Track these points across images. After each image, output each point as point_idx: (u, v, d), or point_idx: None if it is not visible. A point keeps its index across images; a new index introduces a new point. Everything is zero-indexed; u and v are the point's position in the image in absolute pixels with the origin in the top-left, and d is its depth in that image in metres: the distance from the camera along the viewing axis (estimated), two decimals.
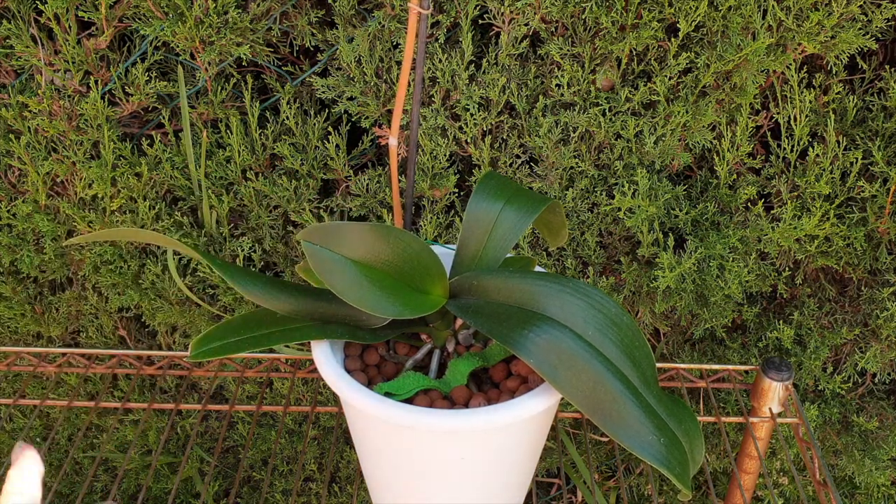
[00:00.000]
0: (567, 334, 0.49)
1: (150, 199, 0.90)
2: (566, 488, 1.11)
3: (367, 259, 0.53)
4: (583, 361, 0.48)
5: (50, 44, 0.83)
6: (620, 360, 0.50)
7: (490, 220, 0.57)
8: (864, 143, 0.82)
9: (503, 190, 0.59)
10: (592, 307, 0.50)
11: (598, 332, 0.50)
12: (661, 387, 0.51)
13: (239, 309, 0.96)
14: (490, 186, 0.59)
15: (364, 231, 0.52)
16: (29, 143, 0.86)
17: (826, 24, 0.75)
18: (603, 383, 0.48)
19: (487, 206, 0.58)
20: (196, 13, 0.79)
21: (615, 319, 0.50)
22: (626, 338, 0.50)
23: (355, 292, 0.52)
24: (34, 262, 0.94)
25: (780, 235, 0.84)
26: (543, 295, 0.51)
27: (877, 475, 0.95)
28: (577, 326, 0.49)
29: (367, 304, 0.52)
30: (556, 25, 0.81)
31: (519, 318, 0.50)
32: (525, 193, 0.59)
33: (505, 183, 0.59)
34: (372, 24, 0.80)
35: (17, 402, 0.79)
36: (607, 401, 0.48)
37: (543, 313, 0.50)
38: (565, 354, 0.48)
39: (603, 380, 0.48)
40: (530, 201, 0.58)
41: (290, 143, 0.88)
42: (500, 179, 0.60)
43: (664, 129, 0.81)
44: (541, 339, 0.48)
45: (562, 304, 0.50)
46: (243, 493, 1.16)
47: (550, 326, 0.49)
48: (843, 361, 0.94)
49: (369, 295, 0.52)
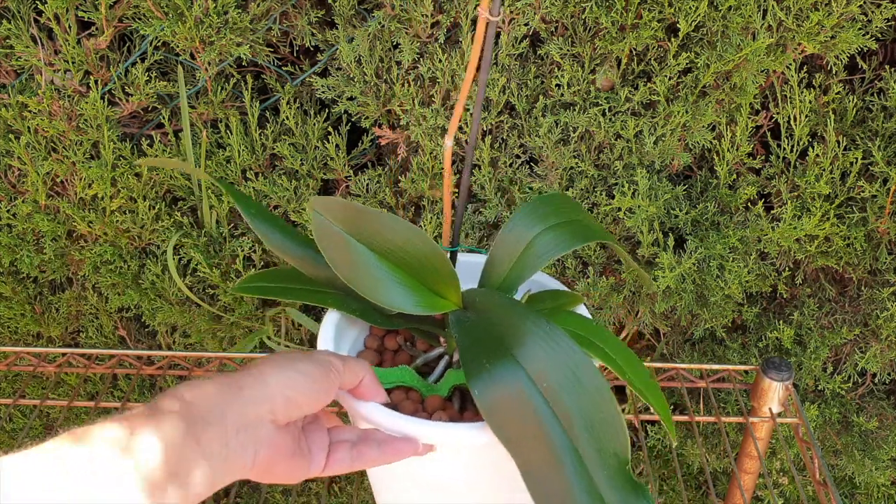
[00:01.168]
0: (523, 381, 0.45)
1: (150, 199, 0.90)
2: None
3: (384, 249, 0.53)
4: (527, 415, 0.44)
5: (50, 44, 0.83)
6: (576, 425, 0.45)
7: (524, 241, 0.56)
8: (864, 143, 0.82)
9: (554, 214, 0.57)
10: (557, 358, 0.46)
11: (558, 386, 0.45)
12: (629, 471, 0.45)
13: (239, 309, 0.96)
14: (536, 208, 0.57)
15: (386, 222, 0.52)
16: (29, 143, 0.86)
17: (826, 24, 0.75)
18: (540, 439, 0.44)
19: (524, 230, 0.56)
20: (196, 13, 0.79)
21: (580, 377, 0.46)
22: (587, 401, 0.45)
23: (366, 282, 0.52)
24: (34, 262, 0.94)
25: (779, 235, 0.84)
26: (520, 332, 0.48)
27: (877, 475, 0.95)
28: (535, 373, 0.46)
29: (378, 294, 0.52)
30: (556, 25, 0.81)
31: (490, 350, 0.47)
32: (571, 225, 0.56)
33: (556, 208, 0.57)
34: (372, 24, 0.80)
35: (17, 402, 0.79)
36: (542, 467, 0.43)
37: (512, 352, 0.47)
38: (513, 403, 0.45)
39: (541, 435, 0.44)
40: (571, 235, 0.56)
41: (290, 143, 0.88)
42: (555, 203, 0.58)
43: (664, 129, 0.81)
44: (496, 379, 0.45)
45: (531, 345, 0.47)
46: (243, 493, 1.16)
47: (512, 367, 0.46)
48: (843, 361, 0.94)
49: (381, 286, 0.52)
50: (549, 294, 0.62)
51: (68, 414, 1.14)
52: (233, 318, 0.97)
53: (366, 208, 0.51)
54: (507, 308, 0.51)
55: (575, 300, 0.61)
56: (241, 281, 0.59)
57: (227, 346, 1.02)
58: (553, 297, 0.62)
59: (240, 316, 0.97)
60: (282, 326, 1.00)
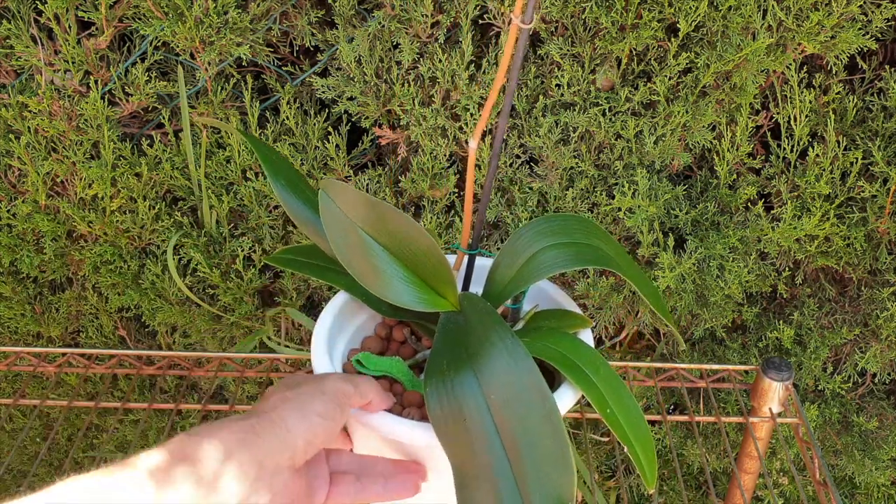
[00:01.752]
0: (476, 396, 0.45)
1: (150, 199, 0.90)
2: None
3: (389, 242, 0.52)
4: (471, 431, 0.44)
5: (50, 44, 0.83)
6: (522, 454, 0.43)
7: (528, 253, 0.56)
8: (864, 143, 0.82)
9: (563, 233, 0.56)
10: (512, 376, 0.45)
11: (506, 406, 0.44)
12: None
13: (239, 309, 0.96)
14: (546, 224, 0.57)
15: (392, 215, 0.51)
16: (29, 143, 0.86)
17: (826, 24, 0.75)
18: (480, 457, 0.43)
19: (529, 242, 0.56)
20: (196, 13, 0.79)
21: (531, 401, 0.44)
22: (535, 429, 0.43)
23: (370, 274, 0.51)
24: (34, 262, 0.94)
25: (780, 235, 0.84)
26: (485, 343, 0.47)
27: (877, 475, 0.95)
28: (488, 388, 0.45)
29: (381, 286, 0.52)
30: (556, 25, 0.81)
31: (454, 356, 0.47)
32: (577, 247, 0.55)
33: (564, 228, 0.56)
34: (372, 24, 0.80)
35: (17, 402, 0.79)
36: (478, 490, 0.42)
37: (472, 363, 0.47)
38: (460, 416, 0.44)
39: (482, 453, 0.43)
40: (574, 255, 0.55)
41: (290, 143, 0.88)
42: (568, 224, 0.57)
43: (664, 129, 0.81)
44: (448, 388, 0.45)
45: (491, 359, 0.46)
46: None
47: (468, 380, 0.45)
48: (843, 361, 0.94)
49: (386, 278, 0.52)
50: (557, 313, 0.60)
51: (68, 414, 1.14)
52: (233, 318, 0.97)
53: (376, 200, 0.51)
54: (482, 316, 0.50)
55: (581, 323, 0.58)
56: (276, 252, 0.62)
57: (227, 346, 1.02)
58: (559, 317, 0.60)
59: (240, 316, 0.97)
60: (282, 326, 1.00)
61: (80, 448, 1.19)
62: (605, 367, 0.51)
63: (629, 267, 0.57)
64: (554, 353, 0.51)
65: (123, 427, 1.16)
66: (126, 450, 1.19)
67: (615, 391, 0.50)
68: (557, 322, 0.59)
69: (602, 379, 0.50)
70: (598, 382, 0.50)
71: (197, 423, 0.82)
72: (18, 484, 1.25)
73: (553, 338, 0.54)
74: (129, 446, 1.16)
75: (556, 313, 0.60)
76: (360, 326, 0.63)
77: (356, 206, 0.51)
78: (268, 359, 0.83)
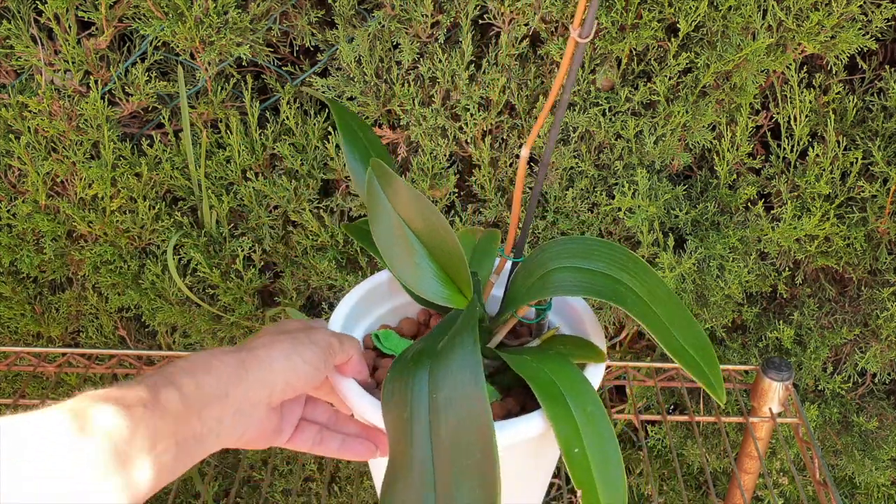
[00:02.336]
0: (423, 391, 0.45)
1: (150, 199, 0.90)
2: (566, 488, 1.11)
3: (422, 235, 0.53)
4: (408, 428, 0.44)
5: (50, 44, 0.83)
6: (451, 465, 0.42)
7: (543, 270, 0.55)
8: (864, 143, 0.82)
9: (581, 257, 0.54)
10: (457, 377, 0.45)
11: (443, 404, 0.44)
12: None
13: (239, 309, 0.96)
14: (565, 245, 0.55)
15: (432, 212, 0.51)
16: (29, 143, 0.86)
17: (826, 24, 0.75)
18: (409, 458, 0.43)
19: (548, 258, 0.55)
20: (196, 13, 0.79)
21: (467, 413, 0.43)
22: (464, 430, 0.42)
23: (406, 265, 0.52)
24: (34, 262, 0.94)
25: (780, 235, 0.84)
26: (448, 347, 0.47)
27: (877, 475, 0.95)
28: (434, 383, 0.45)
29: (410, 276, 0.53)
30: (555, 25, 0.81)
31: (426, 351, 0.48)
32: (589, 274, 0.53)
33: (586, 252, 0.54)
34: (372, 24, 0.80)
35: (17, 402, 0.79)
36: (402, 486, 0.43)
37: (430, 363, 0.47)
38: (403, 411, 0.45)
39: (412, 453, 0.43)
40: (579, 283, 0.52)
41: (290, 143, 0.88)
42: (596, 251, 0.54)
43: (664, 129, 0.81)
44: (404, 378, 0.46)
45: (446, 360, 0.46)
46: (243, 493, 1.16)
47: (422, 374, 0.46)
48: (843, 361, 0.94)
49: (419, 271, 0.53)
50: (577, 341, 0.58)
51: None
52: (233, 318, 0.97)
53: (418, 192, 0.51)
54: (466, 320, 0.50)
55: (596, 357, 0.54)
56: (357, 222, 0.66)
57: (227, 345, 1.02)
58: (577, 345, 0.57)
59: (240, 316, 0.97)
60: None
61: None
62: (595, 406, 0.47)
63: (653, 311, 0.49)
64: (541, 378, 0.49)
65: None
66: None
67: (597, 433, 0.47)
68: (572, 349, 0.56)
69: (586, 416, 0.47)
70: (579, 418, 0.47)
71: None
72: None
73: (552, 363, 0.51)
74: None
75: (577, 340, 0.58)
76: (401, 306, 0.65)
77: (402, 197, 0.51)
78: None
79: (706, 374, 0.48)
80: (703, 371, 0.48)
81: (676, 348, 0.48)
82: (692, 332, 0.49)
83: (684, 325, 0.49)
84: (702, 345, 0.49)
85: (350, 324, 0.61)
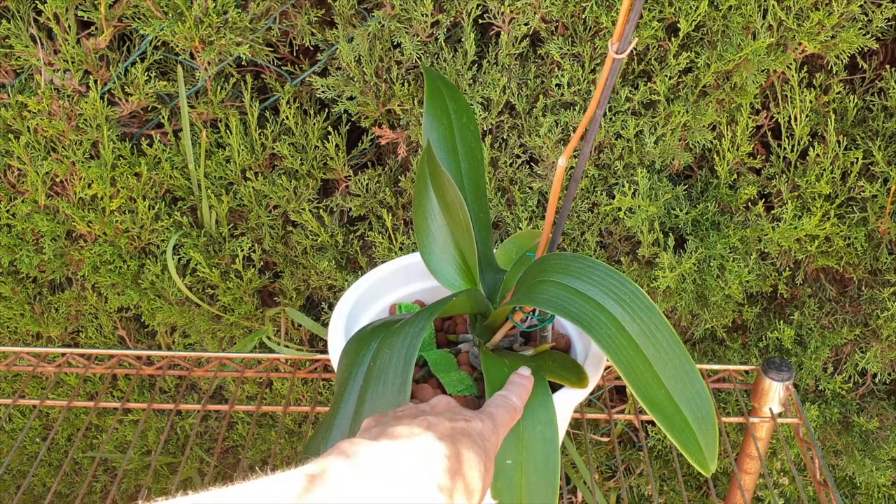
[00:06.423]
0: (369, 352, 0.51)
1: (150, 198, 0.90)
2: (566, 488, 1.11)
3: (453, 228, 0.58)
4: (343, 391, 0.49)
5: (49, 43, 0.83)
6: (363, 414, 0.47)
7: (536, 279, 0.55)
8: (865, 142, 0.82)
9: (576, 276, 0.52)
10: (395, 348, 0.50)
11: (376, 372, 0.50)
12: None
13: (238, 309, 0.96)
14: (565, 262, 0.54)
15: (452, 189, 0.56)
16: (28, 142, 0.86)
17: (826, 24, 0.75)
18: (334, 409, 0.49)
19: (546, 269, 0.55)
20: (196, 13, 0.78)
21: (385, 377, 0.48)
22: (386, 378, 0.48)
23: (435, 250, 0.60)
24: (34, 262, 0.94)
25: (780, 235, 0.84)
26: (408, 323, 0.52)
27: (877, 475, 0.95)
28: (378, 348, 0.51)
29: (436, 260, 0.60)
30: (556, 25, 0.81)
31: (390, 324, 0.53)
32: (577, 295, 0.52)
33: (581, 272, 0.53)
34: (372, 23, 0.80)
35: (16, 402, 0.79)
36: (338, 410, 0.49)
37: (391, 333, 0.52)
38: (352, 359, 0.51)
39: (335, 407, 0.49)
40: (559, 303, 0.51)
41: (290, 142, 0.88)
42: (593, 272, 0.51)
43: (664, 128, 0.81)
44: (366, 345, 0.52)
45: (396, 333, 0.51)
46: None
47: (376, 341, 0.51)
48: (843, 361, 0.94)
49: (445, 258, 0.60)
50: (564, 360, 0.57)
51: (68, 414, 1.14)
52: (232, 318, 0.97)
53: (443, 169, 0.55)
54: (428, 308, 0.54)
55: (576, 383, 0.53)
56: None
57: (226, 346, 1.02)
58: (560, 364, 0.56)
59: (239, 316, 0.97)
60: (281, 326, 1.00)
61: (80, 448, 1.19)
62: (547, 428, 0.47)
63: (636, 350, 0.45)
64: (501, 385, 0.50)
65: (123, 427, 1.16)
66: (125, 450, 1.19)
67: (541, 458, 0.46)
68: (556, 367, 0.55)
69: (533, 435, 0.47)
70: (525, 433, 0.47)
71: (196, 423, 0.82)
72: (18, 484, 1.25)
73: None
74: (128, 446, 1.15)
75: (566, 361, 0.57)
76: (421, 291, 0.71)
77: (440, 184, 0.57)
78: (267, 359, 0.83)
79: (692, 434, 0.42)
80: (689, 430, 0.43)
81: (655, 398, 0.43)
82: (690, 386, 0.44)
83: (682, 376, 0.45)
84: (700, 402, 0.44)
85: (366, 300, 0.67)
